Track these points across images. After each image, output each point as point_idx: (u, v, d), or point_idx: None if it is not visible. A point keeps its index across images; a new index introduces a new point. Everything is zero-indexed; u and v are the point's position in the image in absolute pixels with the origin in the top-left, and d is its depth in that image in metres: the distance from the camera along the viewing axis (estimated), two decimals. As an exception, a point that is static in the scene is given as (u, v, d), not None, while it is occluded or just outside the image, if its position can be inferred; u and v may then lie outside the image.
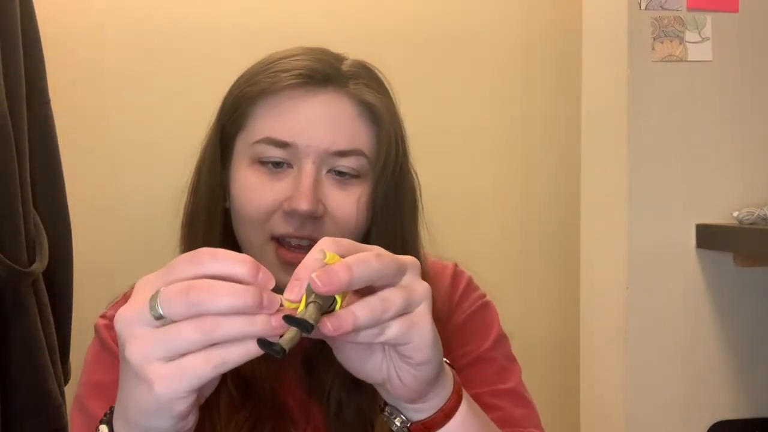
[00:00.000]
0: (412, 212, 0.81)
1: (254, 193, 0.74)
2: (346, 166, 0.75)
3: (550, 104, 1.96)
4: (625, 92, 1.42)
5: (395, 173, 0.77)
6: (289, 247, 0.75)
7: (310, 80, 0.75)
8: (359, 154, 0.75)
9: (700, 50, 1.43)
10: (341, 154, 0.74)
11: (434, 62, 1.91)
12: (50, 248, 1.42)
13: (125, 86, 1.78)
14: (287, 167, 0.75)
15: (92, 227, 1.73)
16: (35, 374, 1.36)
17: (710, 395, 1.46)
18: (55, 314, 1.45)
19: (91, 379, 0.79)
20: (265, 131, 0.74)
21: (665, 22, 1.41)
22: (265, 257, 0.75)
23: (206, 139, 0.81)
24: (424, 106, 1.86)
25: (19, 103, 1.36)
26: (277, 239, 0.75)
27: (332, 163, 0.75)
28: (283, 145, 0.74)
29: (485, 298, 0.89)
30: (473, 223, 1.94)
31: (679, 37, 1.42)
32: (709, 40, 1.43)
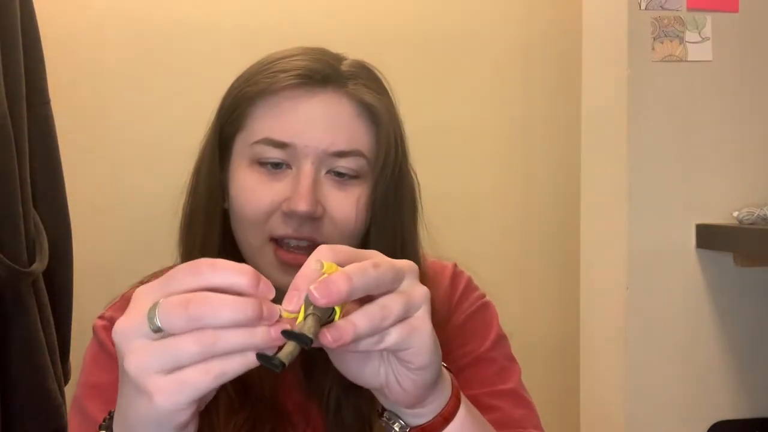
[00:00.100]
0: (411, 213, 0.81)
1: (253, 193, 0.74)
2: (345, 166, 0.74)
3: (550, 104, 1.96)
4: (625, 92, 1.42)
5: (394, 174, 0.77)
6: (287, 248, 0.74)
7: (309, 80, 0.74)
8: (358, 154, 0.75)
9: (700, 50, 1.42)
10: (340, 154, 0.74)
11: (434, 62, 1.91)
12: (50, 248, 1.42)
13: (125, 86, 1.78)
14: (286, 168, 0.74)
15: (92, 227, 1.73)
16: (35, 374, 1.36)
17: (710, 395, 1.46)
18: (55, 314, 1.45)
19: (89, 380, 0.79)
20: (263, 132, 0.74)
21: (665, 22, 1.41)
22: (263, 258, 0.75)
23: (205, 139, 0.80)
24: (424, 106, 1.86)
25: (19, 103, 1.36)
26: (275, 240, 0.74)
27: (331, 163, 0.74)
28: (281, 145, 0.73)
29: (485, 298, 0.89)
30: (473, 223, 1.93)
31: (679, 37, 1.42)
32: (709, 40, 1.43)
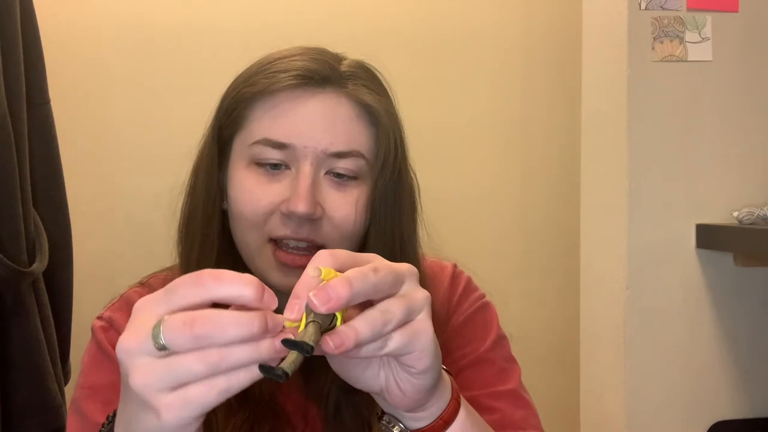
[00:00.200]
0: (410, 213, 0.80)
1: (252, 194, 0.73)
2: (344, 167, 0.74)
3: (550, 104, 1.96)
4: (625, 92, 1.42)
5: (394, 174, 0.76)
6: (286, 248, 0.74)
7: (308, 81, 0.74)
8: (357, 155, 0.74)
9: (700, 50, 1.42)
10: (339, 155, 0.73)
11: (434, 62, 1.91)
12: (50, 248, 1.42)
13: (125, 86, 1.78)
14: (285, 169, 0.74)
15: (92, 227, 1.73)
16: (35, 374, 1.36)
17: (710, 395, 1.45)
18: (55, 314, 1.45)
19: (87, 381, 0.78)
20: (262, 132, 0.73)
21: (665, 22, 1.41)
22: (262, 258, 0.75)
23: (203, 139, 0.80)
24: (424, 106, 1.86)
25: (19, 102, 1.36)
26: (274, 241, 0.74)
27: (330, 164, 0.74)
28: (280, 146, 0.73)
29: (484, 298, 0.88)
30: (473, 223, 1.94)
31: (679, 37, 1.42)
32: (709, 40, 1.43)
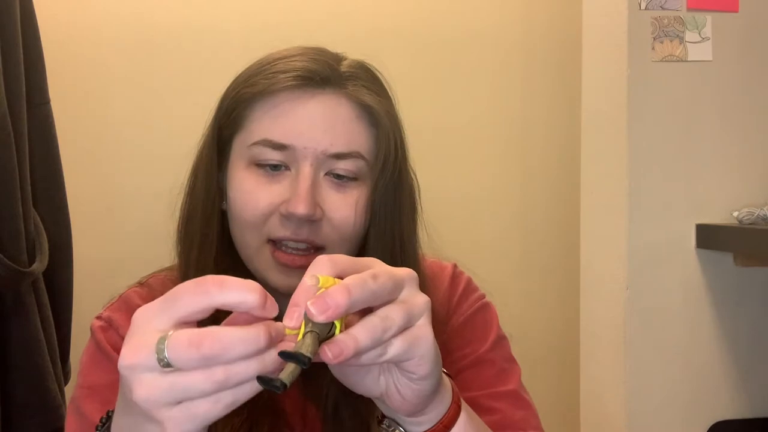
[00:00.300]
0: (410, 214, 0.80)
1: (251, 195, 0.73)
2: (344, 168, 0.74)
3: (550, 104, 1.96)
4: (625, 92, 1.42)
5: (394, 175, 0.76)
6: (286, 249, 0.73)
7: (308, 82, 0.73)
8: (357, 156, 0.74)
9: (700, 50, 1.42)
10: (339, 156, 0.73)
11: (434, 62, 1.91)
12: (50, 248, 1.42)
13: (125, 86, 1.78)
14: (285, 169, 0.74)
15: (92, 227, 1.73)
16: (35, 374, 1.37)
17: (710, 395, 1.45)
18: (55, 314, 1.45)
19: (86, 380, 0.78)
20: (262, 133, 0.73)
21: (665, 22, 1.41)
22: (261, 259, 0.75)
23: (203, 139, 0.80)
24: (424, 106, 1.86)
25: (19, 102, 1.36)
26: (273, 241, 0.74)
27: (330, 165, 0.73)
28: (280, 147, 0.72)
29: (484, 299, 0.88)
30: (473, 223, 1.94)
31: (679, 37, 1.42)
32: (709, 40, 1.43)
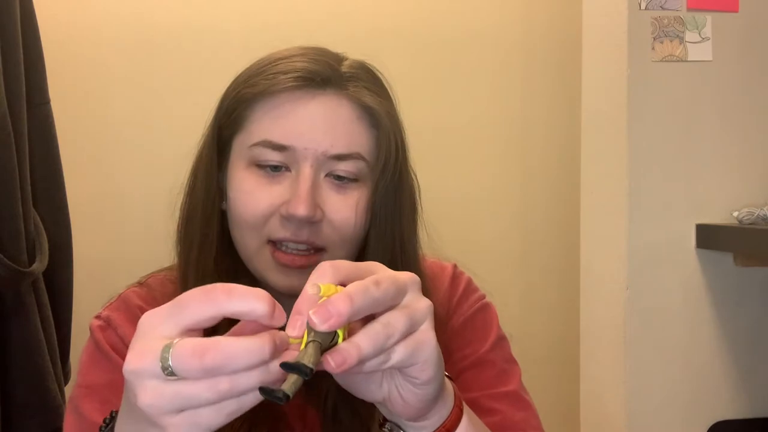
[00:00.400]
0: (411, 215, 0.80)
1: (251, 196, 0.73)
2: (344, 170, 0.73)
3: (550, 104, 1.96)
4: (625, 92, 1.42)
5: (394, 177, 0.76)
6: (286, 249, 0.73)
7: (309, 83, 0.73)
8: (358, 157, 0.74)
9: (700, 50, 1.42)
10: (339, 157, 0.73)
11: (434, 62, 1.91)
12: (50, 248, 1.42)
13: (125, 86, 1.78)
14: (285, 170, 0.73)
15: (92, 227, 1.73)
16: (35, 374, 1.37)
17: (710, 395, 1.45)
18: (55, 314, 1.45)
19: (85, 380, 0.78)
20: (262, 134, 0.73)
21: (665, 22, 1.41)
22: (261, 259, 0.74)
23: (203, 139, 0.79)
24: (424, 106, 1.86)
25: (19, 102, 1.36)
26: (273, 242, 0.74)
27: (330, 166, 0.73)
28: (281, 148, 0.72)
29: (484, 299, 0.88)
30: (473, 223, 1.94)
31: (679, 37, 1.42)
32: (709, 40, 1.43)
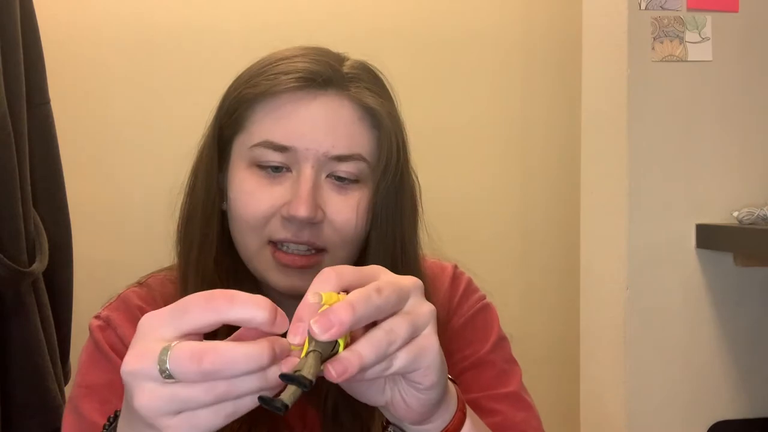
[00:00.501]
0: (412, 216, 0.79)
1: (252, 197, 0.73)
2: (345, 171, 0.73)
3: (550, 104, 1.96)
4: (625, 92, 1.42)
5: (395, 178, 0.75)
6: (287, 250, 0.73)
7: (310, 83, 0.73)
8: (359, 158, 0.73)
9: (700, 50, 1.42)
10: (340, 158, 0.73)
11: (434, 62, 1.91)
12: (50, 248, 1.42)
13: (125, 86, 1.78)
14: (286, 171, 0.73)
15: (92, 227, 1.73)
16: (35, 374, 1.37)
17: (710, 395, 1.45)
18: (55, 314, 1.45)
19: (84, 380, 0.78)
20: (264, 134, 0.73)
21: (665, 22, 1.41)
22: (261, 260, 0.74)
23: (203, 139, 0.79)
24: (424, 106, 1.86)
25: (19, 102, 1.36)
26: (274, 243, 0.74)
27: (332, 167, 0.73)
28: (282, 149, 0.72)
29: (485, 300, 0.88)
30: (473, 223, 1.94)
31: (679, 37, 1.42)
32: (709, 40, 1.43)
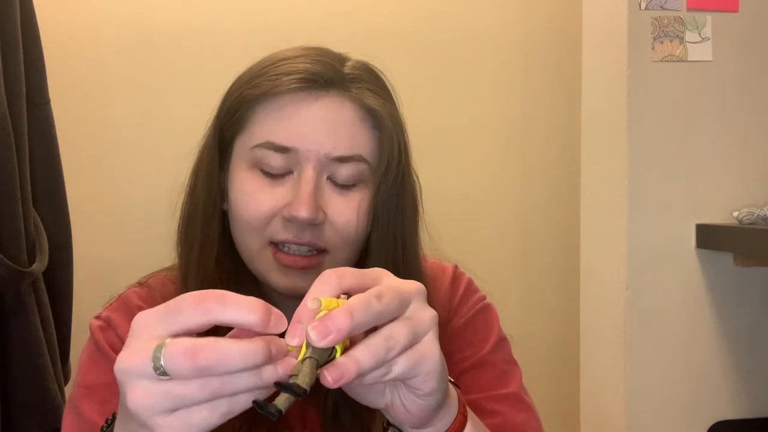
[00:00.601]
0: (413, 217, 0.79)
1: (253, 198, 0.73)
2: (346, 172, 0.73)
3: (550, 104, 1.96)
4: (625, 92, 1.42)
5: (397, 179, 0.75)
6: (288, 251, 0.73)
7: (312, 84, 0.73)
8: (360, 160, 0.73)
9: (700, 50, 1.42)
10: (342, 159, 0.72)
11: (434, 62, 1.91)
12: (50, 248, 1.42)
13: (125, 86, 1.78)
14: (287, 172, 0.73)
15: (92, 227, 1.73)
16: (35, 374, 1.37)
17: (710, 395, 1.46)
18: (55, 314, 1.45)
19: (84, 380, 0.78)
20: (265, 135, 0.73)
21: (665, 22, 1.41)
22: (262, 261, 0.74)
23: (204, 140, 0.79)
24: (424, 106, 1.86)
25: (19, 102, 1.36)
26: (275, 243, 0.73)
27: (333, 168, 0.73)
28: (283, 150, 0.72)
29: (485, 300, 0.88)
30: (473, 223, 1.94)
31: (679, 37, 1.42)
32: (709, 40, 1.43)
